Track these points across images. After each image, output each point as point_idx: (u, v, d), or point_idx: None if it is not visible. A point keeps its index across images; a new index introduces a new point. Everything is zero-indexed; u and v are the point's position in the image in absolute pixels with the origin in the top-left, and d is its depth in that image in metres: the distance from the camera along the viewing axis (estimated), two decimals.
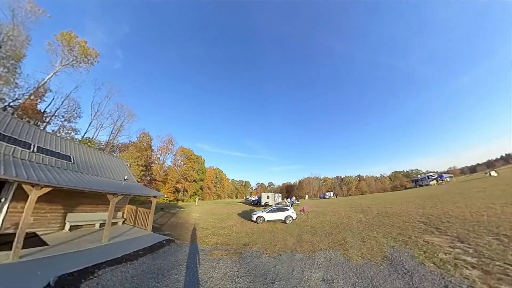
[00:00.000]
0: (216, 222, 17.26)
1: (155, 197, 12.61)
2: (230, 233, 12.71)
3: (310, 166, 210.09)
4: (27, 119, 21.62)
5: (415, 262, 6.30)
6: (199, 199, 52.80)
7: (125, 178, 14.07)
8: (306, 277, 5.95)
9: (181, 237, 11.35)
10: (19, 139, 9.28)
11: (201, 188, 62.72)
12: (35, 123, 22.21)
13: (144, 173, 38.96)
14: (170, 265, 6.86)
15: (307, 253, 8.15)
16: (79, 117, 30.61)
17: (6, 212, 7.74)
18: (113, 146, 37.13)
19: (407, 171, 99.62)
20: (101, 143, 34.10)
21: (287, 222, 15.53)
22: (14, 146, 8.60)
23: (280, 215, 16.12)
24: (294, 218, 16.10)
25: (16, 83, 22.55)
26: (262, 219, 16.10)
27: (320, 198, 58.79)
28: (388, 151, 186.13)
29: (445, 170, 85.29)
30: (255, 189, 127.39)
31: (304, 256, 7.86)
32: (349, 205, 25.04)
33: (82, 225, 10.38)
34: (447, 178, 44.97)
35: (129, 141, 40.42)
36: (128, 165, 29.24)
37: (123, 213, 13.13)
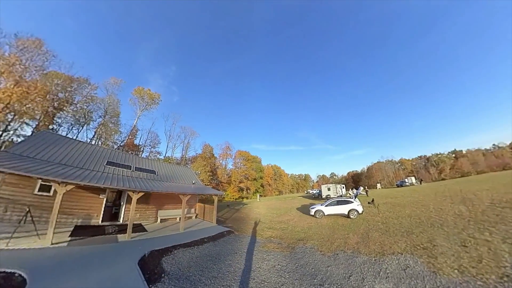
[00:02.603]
0: (274, 216, 17.75)
1: (216, 195, 14.66)
2: (286, 227, 12.71)
3: (380, 149, 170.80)
4: (129, 151, 32.79)
5: None
6: (260, 195, 56.00)
7: (193, 182, 17.26)
8: (367, 286, 4.83)
9: (240, 229, 12.51)
10: (125, 163, 14.24)
11: (262, 186, 66.07)
12: (135, 153, 33.01)
13: (212, 177, 46.42)
14: (227, 252, 7.79)
15: (373, 256, 6.74)
16: (159, 143, 42.60)
17: (124, 210, 11.67)
18: (186, 160, 47.50)
19: None
20: (177, 159, 44.84)
21: (351, 216, 13.73)
22: (122, 168, 13.34)
23: (342, 209, 14.44)
24: (360, 212, 13.99)
25: (120, 131, 36.41)
26: (321, 213, 15.01)
27: (397, 186, 47.31)
28: (503, 104, 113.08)
29: None
30: (316, 181, 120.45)
31: (368, 259, 6.54)
32: (440, 192, 19.06)
33: (168, 218, 13.73)
34: None
35: (196, 153, 50.03)
36: (198, 173, 35.84)
37: (195, 209, 16.17)
